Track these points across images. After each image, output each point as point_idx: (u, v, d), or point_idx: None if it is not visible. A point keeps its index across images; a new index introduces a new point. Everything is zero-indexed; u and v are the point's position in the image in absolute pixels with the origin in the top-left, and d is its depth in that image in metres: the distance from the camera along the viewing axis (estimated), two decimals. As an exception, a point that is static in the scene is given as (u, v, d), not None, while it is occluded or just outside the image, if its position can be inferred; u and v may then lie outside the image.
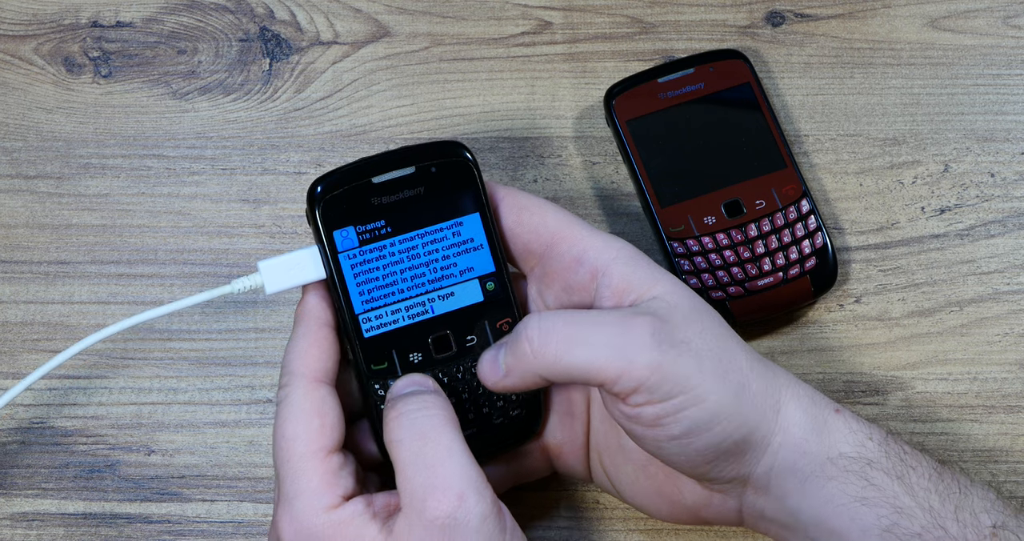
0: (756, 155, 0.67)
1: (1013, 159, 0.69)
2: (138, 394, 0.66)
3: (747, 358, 0.54)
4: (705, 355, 0.53)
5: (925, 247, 0.68)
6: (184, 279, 0.68)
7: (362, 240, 0.56)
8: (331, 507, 0.53)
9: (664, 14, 0.72)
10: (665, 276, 0.56)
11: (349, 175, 0.56)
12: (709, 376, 0.52)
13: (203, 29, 0.72)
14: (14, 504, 0.64)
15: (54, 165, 0.69)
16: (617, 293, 0.55)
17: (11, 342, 0.67)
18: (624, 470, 0.59)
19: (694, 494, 0.57)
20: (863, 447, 0.54)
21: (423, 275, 0.57)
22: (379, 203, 0.56)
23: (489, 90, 0.71)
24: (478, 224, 0.57)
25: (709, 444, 0.53)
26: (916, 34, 0.71)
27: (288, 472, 0.53)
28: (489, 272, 0.58)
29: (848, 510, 0.53)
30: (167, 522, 0.64)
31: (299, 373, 0.55)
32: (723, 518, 0.57)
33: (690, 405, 0.52)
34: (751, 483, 0.55)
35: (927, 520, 0.53)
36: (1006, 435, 0.65)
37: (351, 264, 0.56)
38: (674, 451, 0.54)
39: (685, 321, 0.53)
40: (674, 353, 0.52)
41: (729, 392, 0.53)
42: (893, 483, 0.53)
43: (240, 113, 0.70)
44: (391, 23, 0.72)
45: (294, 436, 0.54)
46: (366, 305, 0.56)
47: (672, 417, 0.52)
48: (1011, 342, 0.66)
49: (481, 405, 0.58)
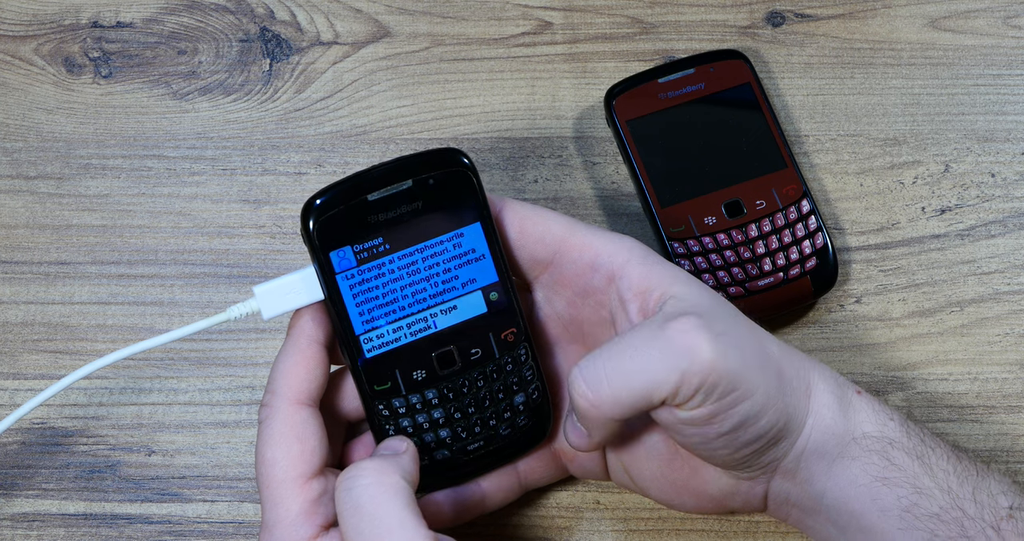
0: (756, 155, 0.67)
1: (1014, 159, 0.69)
2: (138, 394, 0.66)
3: (776, 344, 0.55)
4: (745, 346, 0.53)
5: (925, 247, 0.68)
6: (184, 279, 0.68)
7: (360, 259, 0.54)
8: (310, 538, 0.52)
9: (664, 14, 0.72)
10: (680, 272, 0.55)
11: (344, 194, 0.54)
12: (754, 368, 0.52)
13: (203, 29, 0.72)
14: (14, 504, 0.64)
15: (54, 165, 0.69)
16: (639, 294, 0.55)
17: (11, 342, 0.67)
18: (647, 467, 0.58)
19: (720, 484, 0.57)
20: (885, 427, 0.55)
21: (424, 290, 0.55)
22: (376, 220, 0.54)
23: (489, 90, 0.71)
24: (479, 234, 0.56)
25: (755, 435, 0.53)
26: (916, 34, 0.71)
27: (268, 498, 0.53)
28: (492, 282, 0.56)
29: (869, 490, 0.54)
30: (168, 522, 0.64)
31: (281, 393, 0.54)
32: (748, 506, 0.57)
33: (742, 400, 0.52)
34: (780, 469, 0.55)
35: (946, 501, 0.53)
36: (1006, 435, 0.65)
37: (349, 285, 0.54)
38: (720, 446, 0.53)
39: (714, 315, 0.53)
40: (722, 347, 0.51)
41: (772, 382, 0.53)
42: (913, 463, 0.54)
43: (240, 113, 0.70)
44: (391, 23, 0.72)
45: (273, 461, 0.53)
46: (366, 325, 0.55)
47: (725, 414, 0.52)
48: (1011, 342, 0.66)
49: (488, 418, 0.57)
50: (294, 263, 0.68)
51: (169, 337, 0.56)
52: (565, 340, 0.60)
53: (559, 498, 0.64)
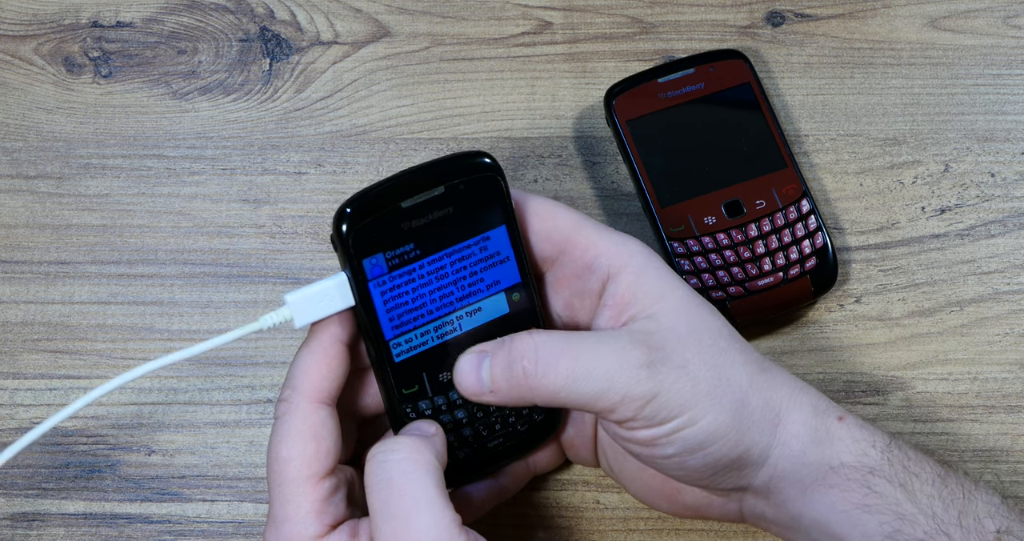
0: (756, 155, 0.67)
1: (1013, 159, 0.69)
2: (138, 394, 0.66)
3: (747, 372, 0.54)
4: (701, 377, 0.53)
5: (925, 247, 0.68)
6: (184, 279, 0.68)
7: (391, 266, 0.54)
8: (316, 537, 0.52)
9: (664, 14, 0.72)
10: (671, 288, 0.55)
11: (377, 200, 0.53)
12: (704, 399, 0.52)
13: (203, 29, 0.72)
14: (14, 504, 0.64)
15: (54, 165, 0.69)
16: (618, 305, 0.55)
17: (11, 342, 0.67)
18: (626, 467, 0.59)
19: (694, 495, 0.57)
20: (865, 456, 0.54)
21: (451, 294, 0.55)
22: (408, 227, 0.54)
23: (489, 90, 0.71)
24: (504, 236, 0.56)
25: (705, 462, 0.53)
26: (916, 34, 0.71)
27: (279, 495, 0.53)
28: (515, 283, 0.56)
29: (850, 516, 0.53)
30: (167, 522, 0.64)
31: (301, 390, 0.54)
32: (724, 517, 0.58)
33: (684, 427, 0.52)
34: (751, 490, 0.55)
35: (930, 526, 0.52)
36: (1006, 435, 0.65)
37: (380, 291, 0.54)
38: (670, 466, 0.54)
39: (682, 343, 0.53)
40: (670, 380, 0.52)
41: (725, 413, 0.53)
42: (896, 490, 0.53)
43: (240, 113, 0.70)
44: (391, 23, 0.72)
45: (288, 458, 0.53)
46: (396, 330, 0.55)
47: (665, 439, 0.53)
48: (1011, 342, 0.66)
49: (507, 416, 0.58)
50: (294, 263, 0.68)
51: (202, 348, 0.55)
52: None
53: (559, 498, 0.64)
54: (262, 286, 0.67)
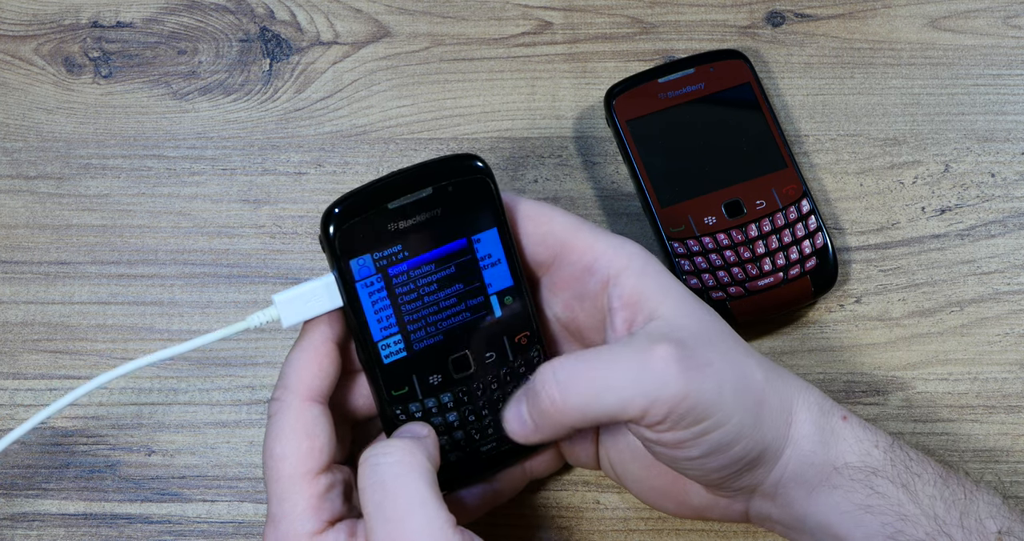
0: (756, 155, 0.67)
1: (1013, 159, 0.69)
2: (138, 394, 0.66)
3: (763, 371, 0.54)
4: (726, 377, 0.52)
5: (925, 247, 0.68)
6: (184, 279, 0.68)
7: (379, 267, 0.54)
8: (314, 533, 0.52)
9: (664, 14, 0.72)
10: (673, 288, 0.55)
11: (364, 201, 0.53)
12: (730, 398, 0.52)
13: (203, 29, 0.72)
14: (14, 504, 0.64)
15: (54, 165, 0.69)
16: (628, 306, 0.54)
17: (11, 342, 0.67)
18: (630, 468, 0.59)
19: (700, 496, 0.57)
20: (868, 456, 0.54)
21: (440, 296, 0.55)
22: (396, 228, 0.54)
23: (489, 90, 0.71)
24: (495, 239, 0.56)
25: (727, 462, 0.53)
26: (916, 34, 0.71)
27: (275, 492, 0.53)
28: (507, 287, 0.56)
29: (852, 517, 0.53)
30: (167, 522, 0.64)
31: (294, 389, 0.54)
32: (728, 518, 0.58)
33: (712, 429, 0.52)
34: (759, 491, 0.55)
35: (932, 527, 0.53)
36: (1007, 435, 0.65)
37: (368, 292, 0.54)
38: (690, 467, 0.54)
39: (702, 342, 0.53)
40: (698, 379, 0.51)
41: (749, 412, 0.53)
42: (898, 491, 0.53)
43: (240, 113, 0.70)
44: (391, 23, 0.72)
45: (282, 455, 0.53)
46: (384, 332, 0.55)
47: (694, 441, 0.52)
48: (1011, 342, 0.66)
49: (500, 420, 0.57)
50: (294, 263, 0.68)
51: (187, 346, 0.55)
52: (566, 339, 0.60)
53: (559, 498, 0.64)
54: (262, 286, 0.67)
